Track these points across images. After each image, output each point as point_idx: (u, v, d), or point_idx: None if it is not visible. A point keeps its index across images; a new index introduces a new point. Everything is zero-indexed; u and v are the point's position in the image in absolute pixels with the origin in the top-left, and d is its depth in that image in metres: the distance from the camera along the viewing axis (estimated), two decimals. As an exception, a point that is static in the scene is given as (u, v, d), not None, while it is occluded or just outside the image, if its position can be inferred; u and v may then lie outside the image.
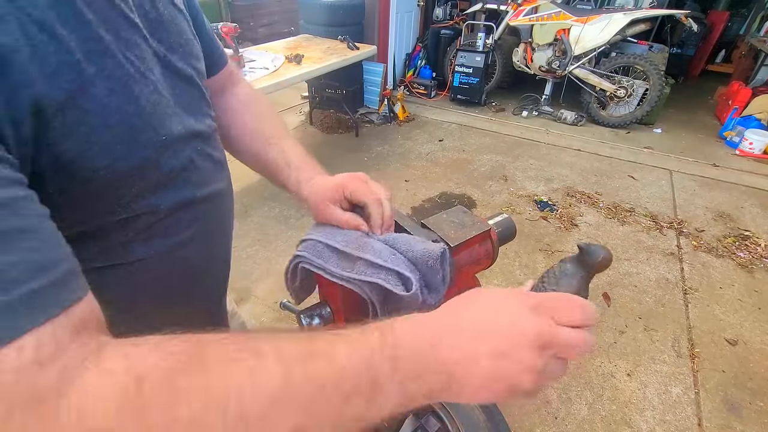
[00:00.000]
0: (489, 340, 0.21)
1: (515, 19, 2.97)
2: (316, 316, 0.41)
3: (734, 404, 1.17)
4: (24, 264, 0.16)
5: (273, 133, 0.46)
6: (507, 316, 0.22)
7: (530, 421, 1.10)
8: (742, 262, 1.73)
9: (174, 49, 0.33)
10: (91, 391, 0.16)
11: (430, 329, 0.22)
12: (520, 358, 0.21)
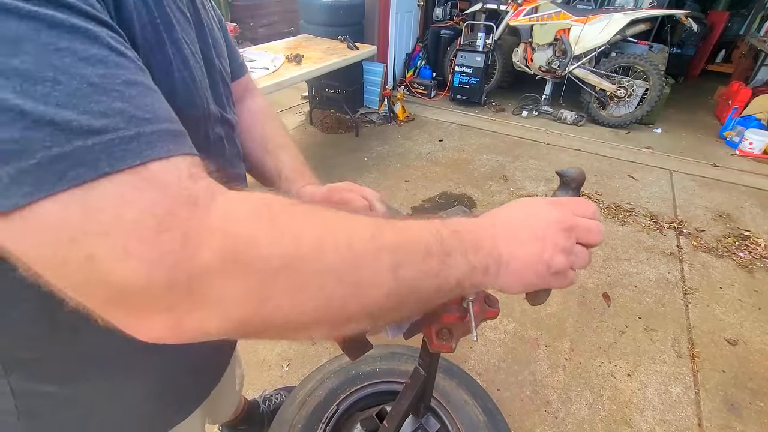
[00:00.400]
0: (527, 227, 0.27)
1: (515, 19, 2.97)
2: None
3: (734, 404, 1.17)
4: (163, 110, 0.20)
5: (272, 142, 0.47)
6: (537, 211, 0.28)
7: (530, 421, 1.10)
8: (742, 262, 1.73)
9: (209, 46, 0.35)
10: (231, 203, 0.20)
11: (480, 223, 0.27)
12: (554, 240, 0.27)
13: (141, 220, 0.17)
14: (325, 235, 0.21)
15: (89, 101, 0.17)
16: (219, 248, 0.18)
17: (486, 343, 1.32)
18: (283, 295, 0.20)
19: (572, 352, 1.31)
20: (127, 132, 0.18)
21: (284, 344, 1.29)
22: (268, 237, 0.19)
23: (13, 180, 0.16)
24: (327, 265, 0.20)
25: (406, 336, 0.44)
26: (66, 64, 0.17)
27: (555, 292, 1.54)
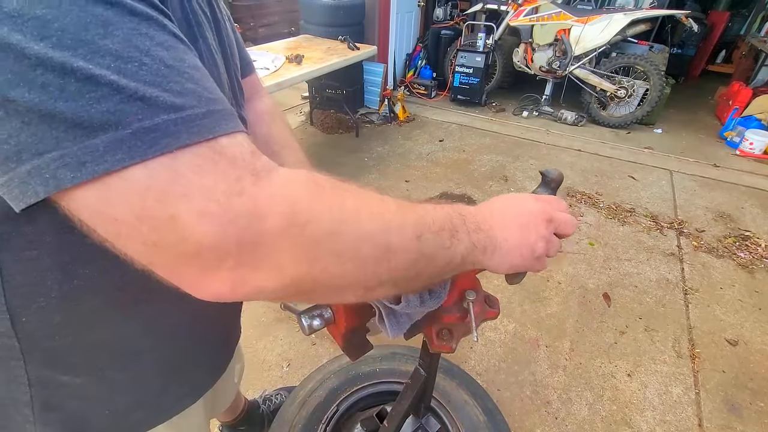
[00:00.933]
0: (517, 217, 0.32)
1: (515, 20, 2.97)
2: (317, 317, 0.41)
3: (735, 405, 1.17)
4: (220, 92, 0.22)
5: (277, 143, 0.48)
6: (524, 203, 0.34)
7: (530, 421, 1.10)
8: (743, 262, 1.73)
9: (224, 44, 0.37)
10: (287, 177, 0.23)
11: (479, 210, 0.32)
12: (537, 229, 0.32)
13: (216, 186, 0.19)
14: (361, 206, 0.24)
15: (168, 81, 0.19)
16: (281, 214, 0.21)
17: (486, 344, 1.32)
18: (329, 256, 0.22)
19: (572, 352, 1.31)
20: (199, 110, 0.20)
21: (284, 345, 1.29)
22: (319, 206, 0.22)
23: (108, 147, 0.18)
24: (364, 230, 0.23)
25: (407, 336, 0.44)
26: (147, 47, 0.19)
27: (556, 294, 1.54)
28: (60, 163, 0.18)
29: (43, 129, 0.17)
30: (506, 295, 1.52)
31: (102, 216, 0.19)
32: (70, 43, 0.17)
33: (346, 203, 0.23)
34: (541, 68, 3.02)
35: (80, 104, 0.17)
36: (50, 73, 0.17)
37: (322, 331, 0.42)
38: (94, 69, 0.17)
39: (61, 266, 0.28)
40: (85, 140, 0.18)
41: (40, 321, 0.30)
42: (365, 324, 0.43)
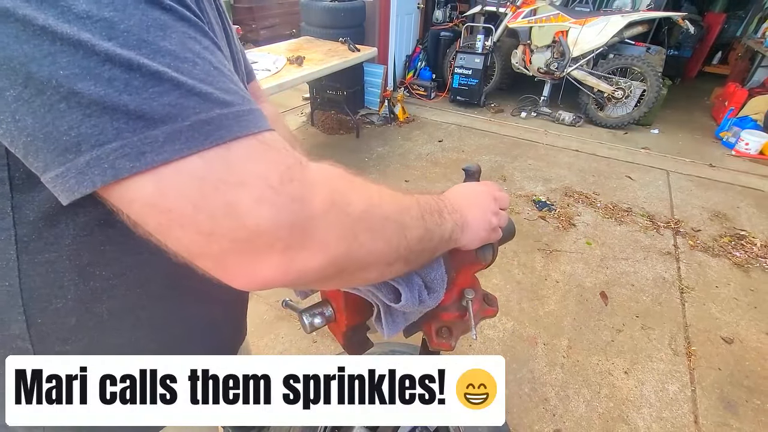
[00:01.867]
0: (473, 199, 0.39)
1: (514, 21, 2.99)
2: (318, 315, 0.42)
3: (730, 402, 1.18)
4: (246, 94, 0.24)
5: None
6: (474, 188, 0.41)
7: (528, 418, 1.11)
8: (738, 261, 1.75)
9: (233, 53, 0.38)
10: (321, 167, 0.24)
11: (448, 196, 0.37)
12: (488, 206, 0.39)
13: (269, 174, 0.21)
14: (381, 192, 0.27)
15: (217, 80, 0.21)
16: (325, 198, 0.22)
17: (485, 342, 1.34)
18: (366, 233, 0.25)
19: (570, 350, 1.33)
20: (244, 107, 0.22)
21: (286, 342, 1.30)
22: (352, 191, 0.25)
23: (167, 138, 0.19)
24: (386, 212, 0.27)
25: (406, 334, 0.45)
26: (197, 49, 0.21)
27: (554, 293, 1.55)
28: (120, 153, 0.18)
29: (105, 120, 0.18)
30: (504, 293, 1.53)
31: (155, 208, 0.20)
32: (135, 43, 0.19)
33: (369, 190, 0.26)
34: (540, 69, 3.04)
35: (143, 97, 0.18)
36: (117, 69, 0.18)
37: (323, 329, 0.43)
38: (157, 66, 0.19)
39: (78, 268, 0.29)
40: (146, 131, 0.19)
41: (55, 323, 0.30)
42: (365, 322, 0.44)
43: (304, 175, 0.22)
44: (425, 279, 0.36)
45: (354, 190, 0.25)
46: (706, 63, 4.49)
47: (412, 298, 0.34)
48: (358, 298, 0.37)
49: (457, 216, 0.35)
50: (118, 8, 0.19)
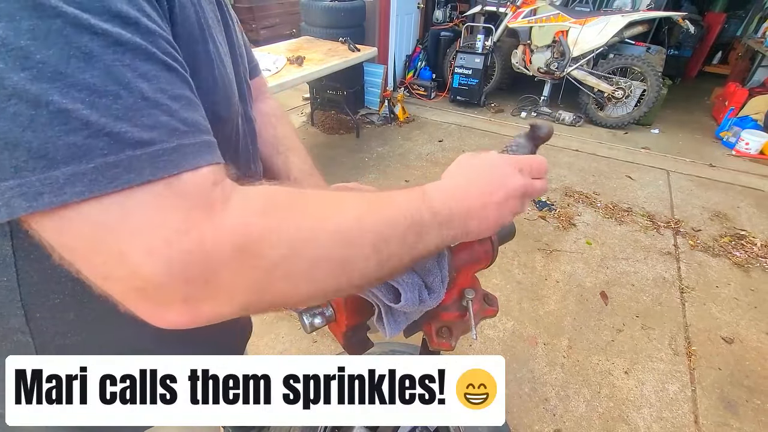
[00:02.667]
0: (491, 196, 0.30)
1: (514, 21, 2.99)
2: (318, 315, 0.42)
3: (731, 402, 1.18)
4: (200, 122, 0.23)
5: (283, 144, 0.49)
6: (502, 179, 0.31)
7: (529, 418, 1.11)
8: (738, 261, 1.75)
9: (234, 46, 0.38)
10: (241, 204, 0.22)
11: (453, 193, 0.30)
12: (511, 207, 0.31)
13: (166, 223, 0.20)
14: (318, 226, 0.24)
15: (141, 115, 0.20)
16: (230, 248, 0.21)
17: (485, 341, 1.34)
18: (282, 281, 0.23)
19: (570, 350, 1.33)
20: (168, 144, 0.20)
21: (286, 342, 1.30)
22: (272, 233, 0.22)
23: (68, 180, 0.18)
24: (320, 252, 0.23)
25: (406, 334, 0.45)
26: (127, 79, 0.19)
27: (554, 293, 1.55)
28: (17, 192, 0.18)
29: (4, 157, 0.18)
30: (505, 293, 1.53)
31: (57, 244, 0.20)
32: (49, 76, 0.17)
33: (303, 223, 0.23)
34: (540, 69, 3.04)
35: (48, 136, 0.18)
36: (23, 104, 0.17)
37: (323, 328, 0.43)
38: (67, 103, 0.18)
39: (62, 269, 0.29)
40: (46, 171, 0.18)
41: (53, 318, 0.31)
42: (366, 322, 0.44)
43: (211, 222, 0.20)
44: (425, 279, 0.36)
45: (277, 230, 0.22)
46: (707, 63, 4.49)
47: (413, 298, 0.34)
48: (358, 298, 0.37)
49: (451, 232, 0.29)
50: (38, 36, 0.17)
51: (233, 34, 0.38)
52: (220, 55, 0.32)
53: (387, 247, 0.26)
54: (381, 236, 0.25)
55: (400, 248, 0.26)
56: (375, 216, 0.26)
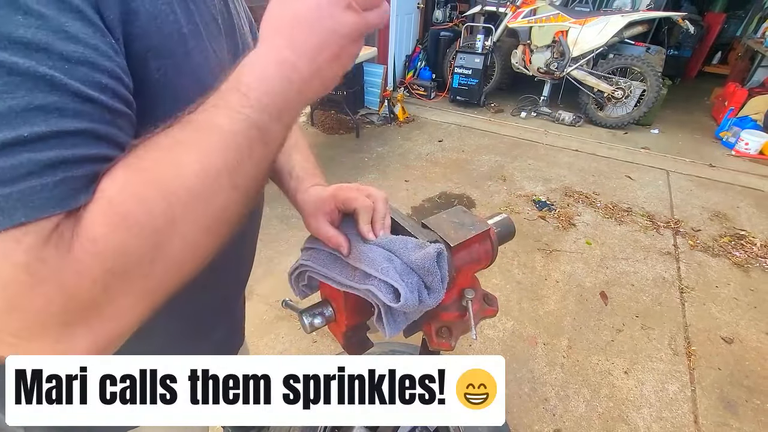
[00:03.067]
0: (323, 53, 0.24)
1: (514, 21, 2.99)
2: (318, 315, 0.42)
3: (730, 402, 1.18)
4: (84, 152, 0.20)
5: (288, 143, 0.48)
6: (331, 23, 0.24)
7: (528, 418, 1.11)
8: (738, 261, 1.75)
9: (238, 52, 0.37)
10: (86, 227, 0.20)
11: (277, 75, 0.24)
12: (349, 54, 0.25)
13: (16, 277, 0.18)
14: (172, 203, 0.21)
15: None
16: (93, 276, 0.19)
17: (485, 341, 1.34)
18: (162, 280, 0.22)
19: (570, 350, 1.33)
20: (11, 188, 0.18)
21: (286, 342, 1.30)
22: (127, 237, 0.20)
23: None
24: (183, 232, 0.22)
25: (406, 334, 0.45)
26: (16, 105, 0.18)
27: (554, 293, 1.55)
28: None
29: None
30: (504, 293, 1.53)
31: None
32: None
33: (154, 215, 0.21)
34: (539, 69, 3.04)
35: None
36: None
37: (323, 329, 0.43)
38: None
39: None
40: None
41: None
42: (365, 322, 0.44)
43: (63, 261, 0.19)
44: (425, 279, 0.36)
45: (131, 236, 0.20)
46: (706, 63, 4.49)
47: (412, 298, 0.34)
48: (358, 298, 0.38)
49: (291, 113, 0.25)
50: None
51: (238, 39, 0.37)
52: (210, 67, 0.30)
53: (243, 179, 0.24)
54: (231, 175, 0.23)
55: (254, 168, 0.24)
56: (215, 158, 0.22)
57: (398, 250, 0.37)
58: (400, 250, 0.37)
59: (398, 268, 0.35)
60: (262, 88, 0.24)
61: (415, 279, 0.35)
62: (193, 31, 0.28)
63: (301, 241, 0.43)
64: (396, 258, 0.36)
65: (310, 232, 0.42)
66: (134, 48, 0.24)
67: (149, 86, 0.26)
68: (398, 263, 0.36)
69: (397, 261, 0.36)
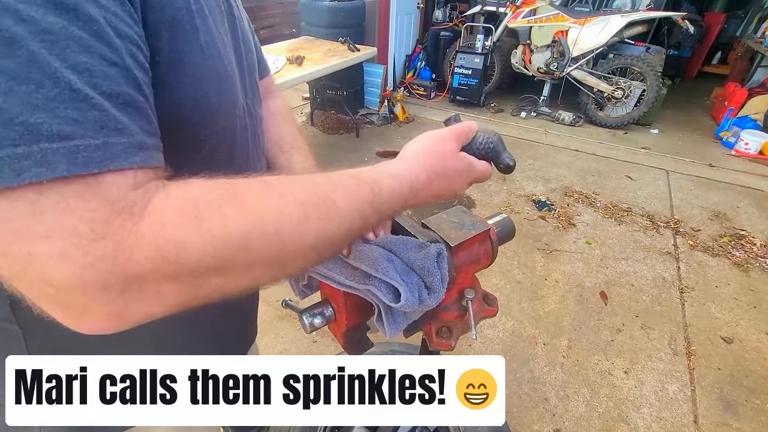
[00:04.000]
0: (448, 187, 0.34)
1: (514, 21, 2.99)
2: (318, 315, 0.42)
3: (730, 401, 1.18)
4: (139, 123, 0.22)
5: (287, 143, 0.49)
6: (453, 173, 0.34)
7: (528, 418, 1.11)
8: (738, 261, 1.75)
9: (239, 41, 0.37)
10: (161, 207, 0.21)
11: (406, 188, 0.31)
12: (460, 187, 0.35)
13: (79, 228, 0.18)
14: (253, 228, 0.22)
15: (66, 107, 0.18)
16: (148, 254, 0.19)
17: (485, 341, 1.34)
18: (215, 284, 0.22)
19: (570, 350, 1.33)
20: (93, 141, 0.19)
21: (286, 342, 1.30)
22: (196, 239, 0.20)
23: None
24: (256, 256, 0.22)
25: (406, 334, 0.45)
26: (53, 69, 0.18)
27: (554, 293, 1.55)
28: None
29: None
30: (504, 293, 1.53)
31: None
32: None
33: (231, 229, 0.21)
34: (539, 69, 3.04)
35: None
36: None
37: (323, 329, 0.43)
38: None
39: None
40: None
41: None
42: (365, 322, 0.44)
43: (127, 228, 0.19)
44: (425, 279, 0.36)
45: (203, 235, 0.20)
46: (706, 63, 4.49)
47: (412, 298, 0.34)
48: (358, 298, 0.38)
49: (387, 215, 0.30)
50: None
51: (239, 31, 0.38)
52: (217, 46, 0.31)
53: (327, 245, 0.26)
54: (322, 238, 0.24)
55: (339, 243, 0.27)
56: (317, 220, 0.24)
57: (398, 250, 0.37)
58: (400, 250, 0.37)
59: (398, 268, 0.35)
60: (388, 199, 0.29)
61: (415, 279, 0.35)
62: (200, 11, 0.29)
63: (301, 241, 0.43)
64: (396, 258, 0.36)
65: None
66: (149, 19, 0.25)
67: (160, 58, 0.26)
68: (398, 263, 0.36)
69: (398, 261, 0.36)
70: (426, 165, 0.32)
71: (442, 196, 0.34)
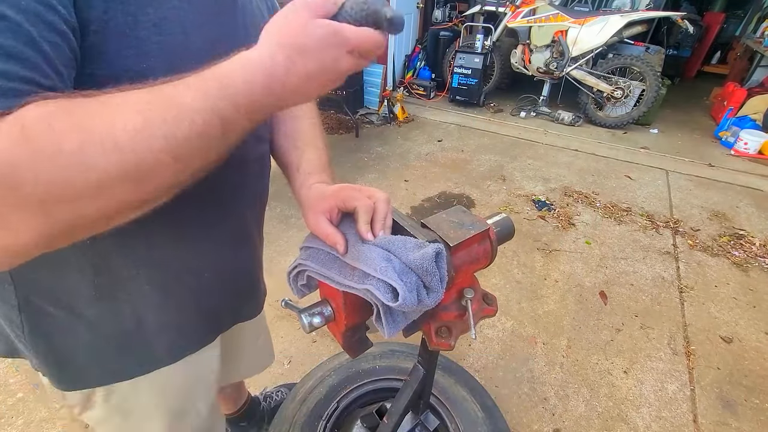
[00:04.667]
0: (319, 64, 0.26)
1: (513, 21, 2.99)
2: (317, 314, 0.42)
3: (729, 401, 1.18)
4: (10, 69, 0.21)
5: (302, 139, 0.48)
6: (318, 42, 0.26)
7: (528, 417, 1.11)
8: (737, 260, 1.75)
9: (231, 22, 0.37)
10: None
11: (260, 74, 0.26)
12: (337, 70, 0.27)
13: None
14: (84, 141, 0.21)
15: None
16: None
17: (484, 341, 1.34)
18: (69, 211, 0.21)
19: (569, 349, 1.33)
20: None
21: (285, 342, 1.30)
22: (24, 156, 0.19)
23: None
24: (98, 173, 0.21)
25: (406, 334, 0.45)
26: None
27: (553, 293, 1.55)
28: None
29: None
30: (504, 293, 1.53)
31: None
32: None
33: (63, 146, 0.20)
34: (539, 69, 3.05)
35: None
36: None
37: (323, 328, 0.43)
38: None
39: None
40: None
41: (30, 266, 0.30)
42: (365, 322, 0.44)
43: None
44: (424, 279, 0.36)
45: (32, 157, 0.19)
46: (705, 62, 4.50)
47: (411, 297, 0.34)
48: (357, 297, 0.37)
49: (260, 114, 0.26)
50: None
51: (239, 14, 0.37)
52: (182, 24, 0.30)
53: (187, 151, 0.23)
54: (175, 144, 0.23)
55: (203, 148, 0.24)
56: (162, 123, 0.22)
57: (397, 249, 0.37)
58: (398, 250, 0.37)
59: (397, 267, 0.35)
60: (243, 89, 0.25)
61: (413, 279, 0.35)
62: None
63: (300, 241, 0.43)
64: (395, 257, 0.36)
65: (309, 228, 0.42)
66: None
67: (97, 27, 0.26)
68: (397, 263, 0.36)
69: (396, 261, 0.36)
70: (280, 44, 0.26)
71: (320, 79, 0.27)
